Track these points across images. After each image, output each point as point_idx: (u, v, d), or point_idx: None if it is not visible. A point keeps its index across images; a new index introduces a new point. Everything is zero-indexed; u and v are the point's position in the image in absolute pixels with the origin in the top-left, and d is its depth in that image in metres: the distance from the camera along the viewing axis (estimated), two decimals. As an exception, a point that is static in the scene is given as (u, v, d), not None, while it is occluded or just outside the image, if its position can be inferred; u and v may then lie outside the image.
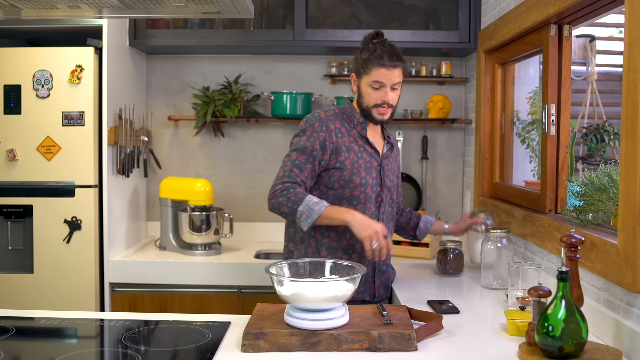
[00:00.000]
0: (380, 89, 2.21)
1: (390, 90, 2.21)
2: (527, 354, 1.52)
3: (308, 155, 2.17)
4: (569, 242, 1.63)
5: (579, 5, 1.99)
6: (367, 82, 2.22)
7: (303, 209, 2.10)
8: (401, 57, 2.22)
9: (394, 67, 2.19)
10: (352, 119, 2.29)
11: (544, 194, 2.33)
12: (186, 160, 3.51)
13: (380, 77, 2.19)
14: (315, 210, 2.10)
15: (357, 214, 2.11)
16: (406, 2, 3.23)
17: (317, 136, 2.19)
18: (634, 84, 1.58)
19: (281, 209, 2.14)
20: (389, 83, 2.20)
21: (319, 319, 1.60)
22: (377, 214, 2.28)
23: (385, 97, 2.21)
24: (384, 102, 2.21)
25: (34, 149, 2.85)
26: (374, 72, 2.19)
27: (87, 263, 2.86)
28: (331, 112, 2.27)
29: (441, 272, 2.61)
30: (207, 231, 3.11)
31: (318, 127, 2.20)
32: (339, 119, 2.26)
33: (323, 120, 2.22)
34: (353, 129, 2.27)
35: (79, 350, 1.62)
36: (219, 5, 1.82)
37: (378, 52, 2.19)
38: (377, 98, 2.21)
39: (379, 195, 2.28)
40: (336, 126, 2.23)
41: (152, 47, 3.24)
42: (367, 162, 2.25)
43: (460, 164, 3.50)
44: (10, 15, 1.96)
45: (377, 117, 2.24)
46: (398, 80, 2.21)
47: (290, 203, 2.11)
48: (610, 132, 3.20)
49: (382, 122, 2.27)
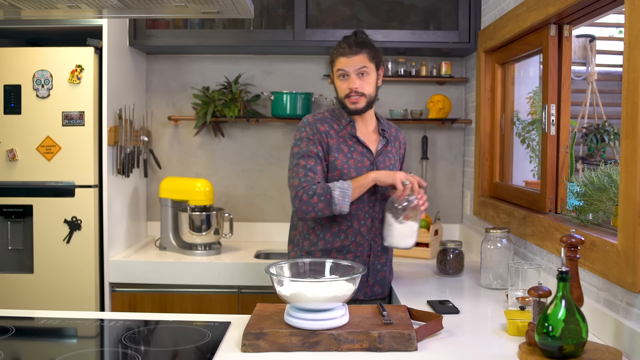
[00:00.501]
0: (345, 77, 2.25)
1: (356, 78, 2.23)
2: (527, 354, 1.52)
3: (315, 158, 2.23)
4: (569, 242, 1.64)
5: (579, 5, 1.99)
6: (335, 75, 2.28)
7: (337, 193, 2.14)
8: (366, 44, 2.24)
9: (354, 54, 2.22)
10: (340, 119, 2.32)
11: (544, 194, 2.33)
12: (186, 160, 3.51)
13: (341, 65, 2.23)
14: (346, 187, 2.16)
15: (378, 171, 2.21)
16: (406, 2, 3.23)
17: (314, 139, 2.24)
18: (634, 84, 1.58)
19: (316, 207, 2.15)
20: (351, 69, 2.23)
21: (319, 319, 1.60)
22: (372, 214, 2.29)
23: (351, 85, 2.23)
24: (350, 90, 2.23)
25: (34, 149, 2.85)
26: (337, 63, 2.26)
27: (87, 263, 2.86)
28: (319, 116, 2.32)
29: (441, 272, 2.61)
30: (207, 231, 3.11)
31: (310, 131, 2.26)
32: (327, 121, 2.31)
33: (312, 124, 2.28)
34: (343, 129, 2.30)
35: (79, 350, 1.62)
36: (219, 5, 1.82)
37: (341, 43, 2.26)
38: (345, 88, 2.25)
39: (372, 195, 2.28)
40: (325, 128, 2.28)
41: (152, 47, 3.24)
42: (358, 161, 2.27)
43: (460, 164, 3.50)
44: (10, 15, 1.96)
45: (351, 107, 2.26)
46: (361, 66, 2.23)
47: (323, 197, 2.15)
48: (610, 132, 3.20)
49: (356, 112, 2.27)
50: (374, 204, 2.30)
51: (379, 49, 2.30)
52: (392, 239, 2.23)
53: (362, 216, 2.28)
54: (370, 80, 2.27)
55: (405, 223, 2.19)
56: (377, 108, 3.52)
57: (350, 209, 2.23)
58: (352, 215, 2.27)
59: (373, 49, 2.27)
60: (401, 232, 2.21)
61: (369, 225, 2.30)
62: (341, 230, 2.28)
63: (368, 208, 2.29)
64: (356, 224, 2.28)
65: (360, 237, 2.29)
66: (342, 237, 2.28)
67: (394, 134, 2.42)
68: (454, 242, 2.64)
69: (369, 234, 2.30)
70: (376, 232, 2.31)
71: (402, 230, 2.20)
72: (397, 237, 2.22)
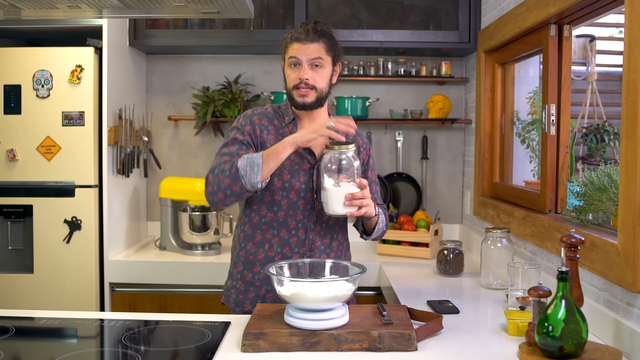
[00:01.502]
0: (297, 66, 1.98)
1: (308, 68, 1.96)
2: (527, 354, 1.52)
3: (239, 144, 1.97)
4: (569, 242, 1.63)
5: (579, 5, 1.99)
6: (286, 63, 2.02)
7: (243, 163, 1.85)
8: (325, 34, 1.98)
9: (310, 41, 1.96)
10: (284, 116, 2.07)
11: (544, 194, 2.33)
12: (186, 160, 3.51)
13: (294, 52, 1.97)
14: (255, 156, 1.86)
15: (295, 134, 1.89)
16: (406, 2, 3.23)
17: (243, 130, 2.01)
18: (634, 84, 1.58)
19: (222, 185, 1.86)
20: (304, 58, 1.96)
21: (319, 319, 1.60)
22: (305, 224, 2.01)
23: (302, 75, 1.96)
24: (300, 80, 1.96)
25: (34, 149, 2.85)
26: (290, 48, 1.99)
27: (87, 263, 2.86)
28: (260, 110, 2.09)
29: (441, 272, 2.61)
30: (207, 231, 3.11)
31: (242, 121, 2.04)
32: (267, 116, 2.06)
33: (248, 116, 2.05)
34: (284, 127, 2.05)
35: (79, 350, 1.62)
36: (219, 5, 1.82)
37: (297, 28, 2.01)
38: (295, 78, 1.98)
39: (309, 203, 2.01)
40: (262, 123, 2.04)
41: (152, 47, 3.24)
42: (295, 163, 2.00)
43: (460, 164, 3.50)
44: (10, 15, 1.96)
45: (298, 100, 1.99)
46: (316, 56, 1.96)
47: (228, 172, 1.86)
48: (610, 132, 3.20)
49: (304, 106, 1.99)
50: (310, 213, 2.01)
51: (338, 43, 2.03)
52: (327, 206, 1.88)
53: (293, 225, 2.00)
54: (324, 73, 1.99)
55: (341, 185, 1.86)
56: (378, 108, 3.55)
57: (277, 215, 1.99)
58: (279, 222, 2.00)
59: (332, 41, 2.00)
60: (336, 197, 1.86)
61: (300, 237, 2.01)
62: (265, 239, 2.01)
63: (302, 217, 2.00)
64: (284, 233, 2.00)
65: (288, 249, 2.01)
66: (267, 247, 2.02)
67: (350, 138, 2.08)
68: (454, 242, 2.64)
69: (300, 247, 2.01)
70: (311, 245, 2.03)
71: (336, 195, 1.86)
72: (330, 204, 1.87)
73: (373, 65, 3.38)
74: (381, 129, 3.49)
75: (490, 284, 2.35)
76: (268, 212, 2.01)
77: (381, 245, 3.14)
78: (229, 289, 2.12)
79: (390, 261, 2.96)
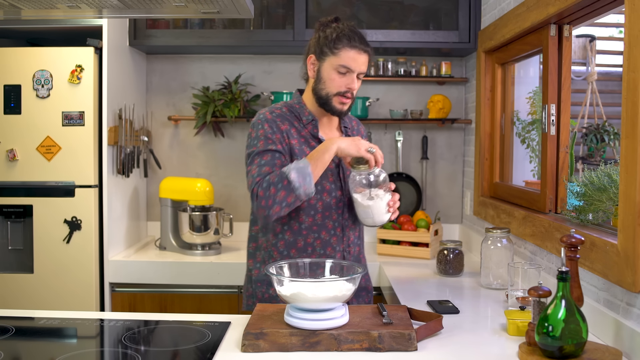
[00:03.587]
0: (347, 74, 1.95)
1: (356, 79, 1.98)
2: (527, 354, 1.52)
3: (272, 154, 1.94)
4: (569, 242, 1.63)
5: (579, 5, 1.99)
6: (332, 65, 1.95)
7: (294, 175, 1.84)
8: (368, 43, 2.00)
9: (365, 52, 1.95)
10: (301, 117, 2.04)
11: (544, 194, 2.33)
12: (186, 160, 3.52)
13: (349, 61, 1.93)
14: (302, 165, 1.86)
15: (336, 139, 1.91)
16: (406, 2, 3.23)
17: (273, 138, 1.96)
18: (634, 84, 1.58)
19: (277, 198, 1.84)
20: (357, 69, 1.95)
21: (319, 319, 1.60)
22: (341, 222, 2.05)
23: (352, 85, 1.95)
24: (349, 89, 1.96)
25: (34, 149, 2.85)
26: (343, 54, 1.93)
27: (87, 263, 2.86)
28: (277, 112, 2.03)
29: (441, 272, 2.61)
30: (207, 231, 3.11)
31: (269, 129, 1.97)
32: (286, 119, 2.02)
33: (271, 122, 1.99)
34: (303, 128, 2.04)
35: (79, 350, 1.62)
36: (219, 5, 1.82)
37: (348, 32, 1.95)
38: (341, 85, 1.95)
39: (340, 201, 2.04)
40: (285, 127, 2.00)
41: (152, 47, 3.24)
42: None
43: (460, 164, 3.50)
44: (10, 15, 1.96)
45: (338, 107, 1.98)
46: (364, 70, 1.98)
47: (280, 184, 1.84)
48: (610, 132, 3.20)
49: (340, 114, 2.01)
50: (343, 210, 2.05)
51: None
52: (374, 219, 1.96)
53: (331, 225, 2.03)
54: (359, 84, 2.02)
55: (378, 197, 1.94)
56: (378, 108, 3.55)
57: (315, 219, 2.00)
58: (318, 225, 2.02)
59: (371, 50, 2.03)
60: (379, 208, 1.94)
61: (339, 235, 2.05)
62: (308, 243, 2.02)
63: (337, 216, 2.04)
64: (324, 235, 2.03)
65: (330, 250, 2.04)
66: (310, 251, 2.02)
67: (355, 127, 2.19)
68: (454, 242, 2.64)
69: (339, 244, 2.06)
70: (348, 241, 2.08)
71: (379, 206, 1.94)
72: (377, 216, 1.96)
73: (373, 65, 3.38)
74: (381, 129, 3.49)
75: (490, 284, 2.35)
76: (306, 217, 2.02)
77: (381, 245, 3.14)
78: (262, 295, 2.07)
79: (390, 261, 2.96)
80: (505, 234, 2.36)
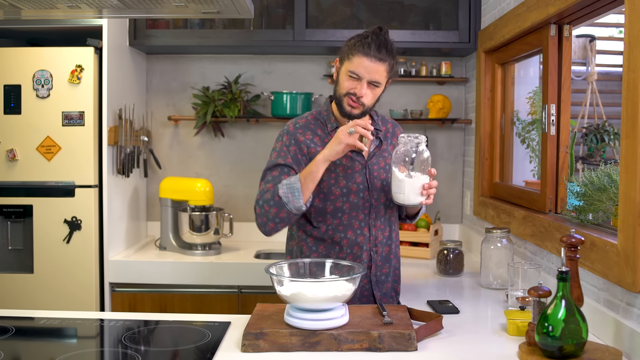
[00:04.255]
0: (355, 79, 1.97)
1: (365, 86, 1.97)
2: (527, 354, 1.52)
3: (281, 168, 2.01)
4: (569, 242, 1.63)
5: (579, 5, 1.99)
6: (345, 69, 1.99)
7: (284, 191, 1.91)
8: (392, 53, 1.98)
9: (379, 60, 1.94)
10: (326, 123, 2.09)
11: (544, 194, 2.33)
12: (186, 160, 3.51)
13: (358, 68, 1.95)
14: (293, 181, 1.91)
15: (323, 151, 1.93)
16: (406, 2, 3.23)
17: (288, 150, 2.04)
18: (634, 84, 1.58)
19: (269, 215, 1.93)
20: (366, 77, 1.95)
21: (319, 319, 1.60)
22: (368, 222, 2.08)
23: (359, 91, 1.96)
24: (354, 92, 1.97)
25: (34, 149, 2.85)
26: (355, 61, 1.95)
27: (87, 263, 2.86)
28: (302, 122, 2.10)
29: (441, 272, 2.61)
30: (207, 231, 3.11)
31: (287, 140, 2.05)
32: (310, 127, 2.08)
33: (291, 134, 2.06)
34: (327, 136, 2.07)
35: (79, 350, 1.62)
36: (219, 5, 1.82)
37: (368, 40, 1.95)
38: (348, 88, 1.98)
39: (367, 201, 2.07)
40: (307, 137, 2.05)
41: (152, 47, 3.24)
42: (348, 167, 2.05)
43: (460, 164, 3.50)
44: (10, 15, 1.96)
45: (347, 109, 2.00)
46: (378, 79, 1.96)
47: (272, 201, 1.92)
48: (610, 132, 3.20)
49: (349, 116, 2.01)
50: (369, 210, 2.08)
51: (397, 59, 2.03)
52: (405, 196, 1.93)
53: (357, 225, 2.06)
54: (377, 92, 2.01)
55: (417, 176, 1.92)
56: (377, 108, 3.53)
57: (342, 220, 2.04)
58: (344, 225, 2.05)
59: (394, 59, 2.00)
60: (413, 186, 1.92)
61: (366, 235, 2.07)
62: (335, 242, 2.06)
63: (364, 216, 2.07)
64: (351, 235, 2.06)
65: (357, 249, 2.06)
66: (337, 249, 2.06)
67: (390, 130, 2.20)
68: (454, 242, 2.64)
69: (366, 244, 2.08)
70: (375, 241, 2.09)
71: (413, 184, 1.91)
72: (408, 194, 1.92)
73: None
74: (381, 129, 3.49)
75: (490, 284, 2.35)
76: (333, 219, 2.06)
77: (381, 245, 3.13)
78: None
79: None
80: (505, 234, 2.36)
